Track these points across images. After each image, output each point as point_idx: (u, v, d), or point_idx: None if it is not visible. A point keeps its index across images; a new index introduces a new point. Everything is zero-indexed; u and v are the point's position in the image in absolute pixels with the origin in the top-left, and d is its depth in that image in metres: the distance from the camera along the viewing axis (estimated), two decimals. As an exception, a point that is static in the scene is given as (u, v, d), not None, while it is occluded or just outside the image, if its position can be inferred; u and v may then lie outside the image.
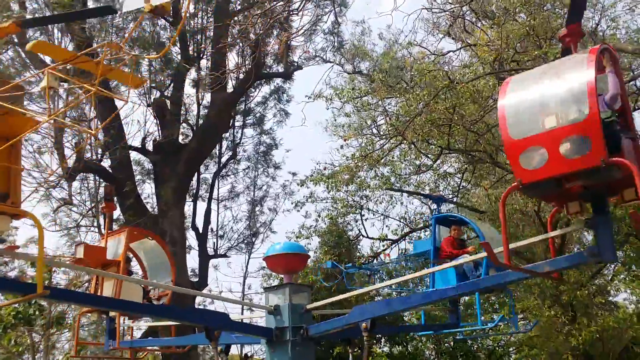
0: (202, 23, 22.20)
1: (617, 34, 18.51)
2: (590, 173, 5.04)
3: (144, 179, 23.78)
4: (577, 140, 5.07)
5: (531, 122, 5.35)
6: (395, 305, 8.03)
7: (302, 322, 8.28)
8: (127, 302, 9.06)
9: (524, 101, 5.50)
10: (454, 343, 20.24)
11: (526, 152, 5.34)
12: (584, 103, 5.06)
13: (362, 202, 20.66)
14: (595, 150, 4.98)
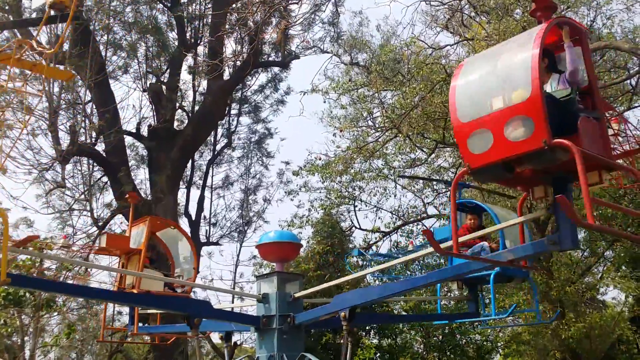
0: (201, 9, 22.09)
1: (613, 32, 18.52)
2: (533, 156, 4.82)
3: (138, 164, 23.71)
4: (520, 122, 4.85)
5: (480, 104, 5.13)
6: (374, 293, 7.94)
7: (289, 310, 8.33)
8: (100, 290, 9.08)
9: (473, 82, 5.28)
10: (442, 337, 20.35)
11: (473, 136, 5.12)
12: (527, 83, 4.84)
13: (355, 194, 20.69)
14: (537, 132, 4.75)
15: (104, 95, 20.75)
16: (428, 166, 21.05)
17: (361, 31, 22.53)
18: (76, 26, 19.07)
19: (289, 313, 8.28)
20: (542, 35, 4.98)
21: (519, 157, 4.86)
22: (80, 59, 19.14)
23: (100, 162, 21.03)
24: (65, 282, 10.05)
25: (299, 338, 8.57)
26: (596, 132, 5.17)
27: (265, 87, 25.51)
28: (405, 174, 20.25)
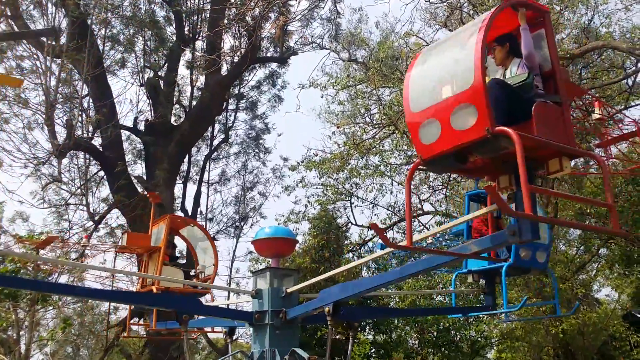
0: (199, 4, 22.06)
1: (611, 32, 18.57)
2: (479, 145, 4.62)
3: (135, 159, 23.71)
4: (465, 110, 4.66)
5: (431, 93, 4.95)
6: (359, 286, 7.57)
7: (282, 305, 8.31)
8: (76, 287, 9.20)
9: (426, 72, 5.12)
10: (437, 333, 20.45)
11: (423, 126, 4.96)
12: (470, 69, 4.65)
13: (352, 190, 20.73)
14: (480, 120, 4.56)
15: (101, 90, 20.75)
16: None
17: (360, 28, 22.56)
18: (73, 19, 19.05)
19: (281, 308, 8.26)
20: (488, 20, 4.80)
21: (465, 146, 4.67)
22: (77, 52, 19.13)
23: (96, 156, 21.03)
24: (42, 281, 10.15)
25: (293, 333, 8.54)
26: (555, 118, 4.96)
27: (263, 83, 25.54)
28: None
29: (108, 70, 21.62)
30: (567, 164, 4.91)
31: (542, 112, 4.82)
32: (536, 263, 9.01)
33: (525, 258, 8.78)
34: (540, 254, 9.01)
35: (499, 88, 4.90)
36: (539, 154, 4.96)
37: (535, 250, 8.91)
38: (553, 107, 5.01)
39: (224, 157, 26.33)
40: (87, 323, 27.23)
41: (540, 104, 4.87)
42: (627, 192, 18.23)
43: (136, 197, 20.44)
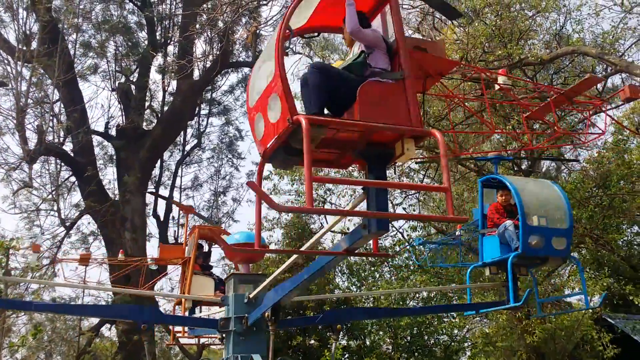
0: (171, 9, 21.96)
1: (582, 37, 18.77)
2: (290, 135, 4.32)
3: (106, 164, 23.51)
4: (274, 101, 4.44)
5: (259, 86, 4.75)
6: (287, 288, 7.20)
7: (247, 311, 8.23)
8: (33, 303, 9.17)
9: (258, 64, 4.98)
10: (410, 337, 20.42)
11: (256, 121, 4.77)
12: (272, 56, 4.41)
13: (325, 196, 20.67)
14: (284, 110, 4.31)
15: (72, 95, 20.59)
16: (399, 168, 21.10)
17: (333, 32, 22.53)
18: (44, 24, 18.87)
19: (243, 314, 8.17)
20: (291, 7, 4.63)
21: (283, 138, 4.38)
22: (48, 57, 18.95)
23: (68, 161, 20.84)
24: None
25: (258, 339, 8.44)
26: (390, 97, 4.60)
27: (236, 88, 25.48)
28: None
29: (79, 75, 21.44)
30: (409, 145, 4.55)
31: (367, 92, 4.50)
32: (554, 251, 8.33)
33: (537, 246, 8.19)
34: (558, 241, 8.36)
35: (316, 73, 4.64)
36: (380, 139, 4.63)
37: (551, 236, 8.30)
38: (387, 86, 4.67)
39: (197, 162, 26.22)
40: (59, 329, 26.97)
41: (367, 84, 4.56)
42: (597, 196, 18.39)
43: (107, 203, 20.27)
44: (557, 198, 8.63)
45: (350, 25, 4.81)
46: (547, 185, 9.21)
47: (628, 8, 17.89)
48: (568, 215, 8.51)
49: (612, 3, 18.03)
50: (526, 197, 8.48)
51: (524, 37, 17.72)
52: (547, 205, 8.50)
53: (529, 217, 8.30)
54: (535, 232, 8.17)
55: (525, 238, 8.17)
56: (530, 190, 8.64)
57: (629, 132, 18.33)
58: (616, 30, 17.66)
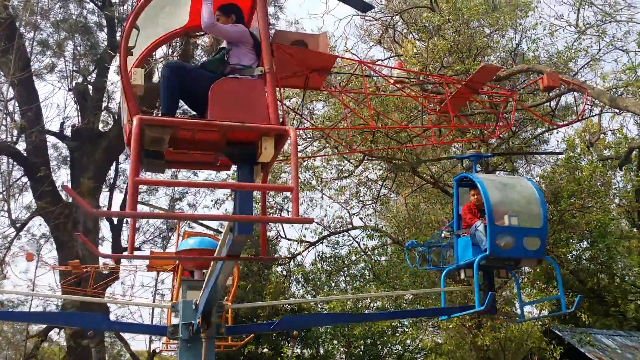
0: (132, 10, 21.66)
1: (537, 56, 19.29)
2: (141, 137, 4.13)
3: (60, 165, 22.99)
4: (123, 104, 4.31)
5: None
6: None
7: (193, 318, 8.15)
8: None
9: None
10: (364, 347, 20.53)
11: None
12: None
13: (282, 204, 20.65)
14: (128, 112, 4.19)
15: (28, 93, 20.13)
16: (357, 178, 21.26)
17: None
18: (1, 21, 18.44)
19: (190, 321, 8.09)
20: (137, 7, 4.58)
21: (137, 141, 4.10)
22: (4, 54, 18.52)
23: (20, 161, 20.35)
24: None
25: (208, 346, 8.40)
26: (247, 94, 4.51)
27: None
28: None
29: (35, 74, 20.96)
30: (267, 144, 4.41)
31: (220, 90, 4.42)
32: (526, 252, 7.88)
33: (507, 247, 7.76)
34: (530, 241, 7.87)
35: (167, 72, 4.64)
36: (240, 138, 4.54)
37: (522, 236, 7.83)
38: (245, 83, 4.61)
39: (154, 166, 25.79)
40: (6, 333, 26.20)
41: (220, 81, 4.51)
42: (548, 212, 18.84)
43: (60, 204, 19.83)
44: (531, 196, 8.16)
45: (204, 21, 4.74)
46: (521, 182, 8.71)
47: (582, 29, 18.49)
48: (542, 214, 8.05)
49: (567, 24, 18.61)
50: (495, 196, 8.10)
51: (482, 53, 18.15)
52: (519, 203, 8.06)
53: (498, 216, 7.92)
54: (504, 232, 7.78)
55: (492, 239, 7.78)
56: (501, 189, 8.22)
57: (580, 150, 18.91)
58: (570, 50, 18.20)
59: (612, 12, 18.32)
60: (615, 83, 19.02)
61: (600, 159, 20.25)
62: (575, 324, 21.49)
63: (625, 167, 20.06)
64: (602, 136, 22.32)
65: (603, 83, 19.44)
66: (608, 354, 21.08)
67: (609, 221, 20.18)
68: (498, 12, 18.15)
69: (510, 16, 18.08)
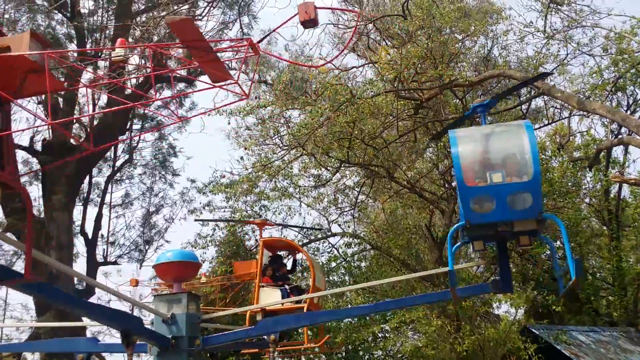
0: (102, 21, 21.34)
1: (508, 61, 19.68)
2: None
3: (31, 180, 22.43)
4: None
5: None
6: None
7: (195, 332, 8.14)
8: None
9: None
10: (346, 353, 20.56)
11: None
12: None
13: (260, 213, 20.56)
14: None
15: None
16: (334, 185, 21.35)
17: (270, 49, 22.57)
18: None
19: (196, 335, 8.08)
20: None
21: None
22: (-32, 67, 18.00)
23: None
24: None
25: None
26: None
27: (170, 103, 24.93)
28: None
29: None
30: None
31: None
32: (513, 212, 6.39)
33: (486, 211, 6.44)
34: (517, 198, 6.39)
35: None
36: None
37: (506, 194, 6.37)
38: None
39: (128, 178, 25.47)
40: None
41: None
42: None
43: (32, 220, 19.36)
44: (520, 143, 6.65)
45: None
46: (511, 128, 7.27)
47: (550, 35, 18.94)
48: (532, 163, 6.43)
49: (535, 30, 19.03)
50: (472, 150, 6.78)
51: (454, 59, 18.42)
52: (506, 155, 6.68)
53: (475, 175, 6.63)
54: (480, 193, 6.48)
55: (466, 204, 6.49)
56: (482, 139, 6.83)
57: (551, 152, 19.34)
58: (539, 55, 18.62)
59: (577, 18, 18.80)
60: (583, 86, 19.53)
61: (571, 160, 20.73)
62: (550, 322, 21.93)
63: (595, 168, 20.58)
64: (571, 138, 22.89)
65: (571, 86, 19.96)
66: (583, 350, 21.54)
67: (580, 220, 20.69)
68: (469, 19, 18.46)
69: (482, 23, 18.41)
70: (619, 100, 21.74)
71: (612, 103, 21.05)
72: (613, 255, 23.28)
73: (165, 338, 8.17)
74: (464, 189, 6.51)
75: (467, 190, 6.50)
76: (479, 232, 6.69)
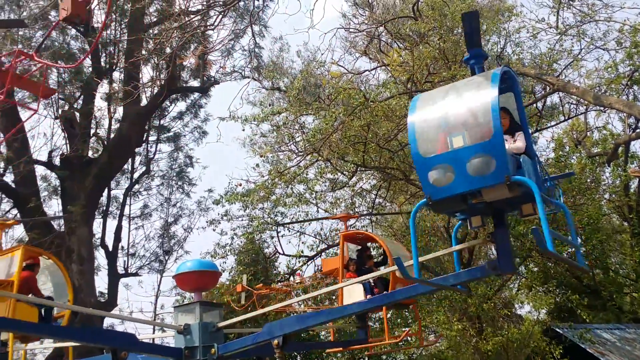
0: (115, 35, 21.59)
1: (522, 59, 19.53)
2: None
3: (50, 195, 22.69)
4: None
5: None
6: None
7: (212, 341, 8.06)
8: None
9: None
10: (368, 358, 20.43)
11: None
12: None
13: (277, 219, 20.58)
14: None
15: (13, 124, 19.87)
16: (350, 188, 21.31)
17: (282, 56, 22.73)
18: (-19, 51, 18.25)
19: (212, 344, 7.99)
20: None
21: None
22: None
23: (9, 193, 20.07)
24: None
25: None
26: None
27: (185, 114, 25.15)
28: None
29: (19, 103, 20.73)
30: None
31: None
32: (474, 180, 5.39)
33: (445, 183, 5.50)
34: (478, 163, 5.37)
35: None
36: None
37: (465, 160, 5.43)
38: None
39: (146, 189, 25.66)
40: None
41: None
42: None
43: (51, 235, 19.56)
44: (481, 99, 5.56)
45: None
46: (475, 81, 5.88)
47: (562, 31, 18.78)
48: (492, 119, 5.37)
49: (548, 26, 18.88)
50: (428, 114, 5.85)
51: (468, 58, 18.30)
52: (465, 114, 5.59)
53: (432, 143, 5.69)
54: (436, 163, 5.57)
55: (424, 177, 5.64)
56: (440, 99, 5.86)
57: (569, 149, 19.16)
58: (553, 52, 18.46)
59: (590, 12, 18.62)
60: (598, 81, 19.32)
61: (589, 156, 20.52)
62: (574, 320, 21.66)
63: (614, 163, 20.33)
64: (589, 134, 22.67)
65: (586, 81, 19.76)
66: (608, 348, 21.23)
67: (601, 217, 20.44)
68: (481, 17, 18.38)
69: (494, 21, 18.32)
70: (635, 93, 21.46)
71: (629, 97, 20.79)
72: (635, 252, 22.94)
73: (177, 350, 8.16)
74: (420, 161, 5.65)
75: (423, 161, 5.63)
76: (447, 208, 5.84)
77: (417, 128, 5.77)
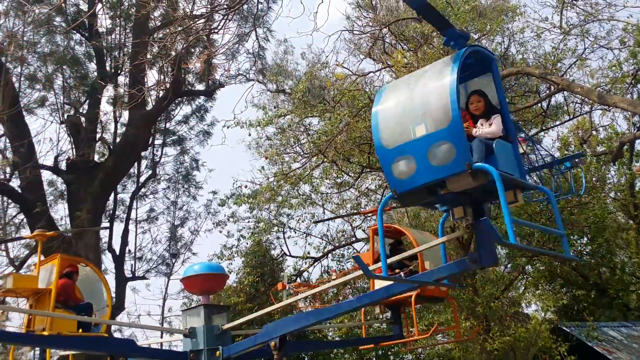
0: (120, 39, 21.67)
1: (526, 58, 19.56)
2: None
3: (56, 199, 22.76)
4: None
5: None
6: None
7: (218, 343, 8.08)
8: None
9: None
10: (376, 359, 20.49)
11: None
12: None
13: (284, 221, 20.65)
14: None
15: (19, 129, 19.95)
16: (356, 189, 21.35)
17: (286, 59, 22.78)
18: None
19: (217, 346, 8.01)
20: None
21: None
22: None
23: (15, 198, 20.12)
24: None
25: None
26: None
27: (191, 117, 25.24)
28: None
29: (25, 109, 20.82)
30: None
31: None
32: (436, 171, 5.14)
33: (408, 175, 5.24)
34: (438, 151, 5.12)
35: None
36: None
37: (425, 150, 5.18)
38: None
39: (152, 193, 25.73)
40: None
41: None
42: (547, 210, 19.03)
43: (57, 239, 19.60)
44: (442, 83, 5.23)
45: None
46: (439, 65, 5.53)
47: (566, 30, 18.81)
48: (450, 104, 5.09)
49: (552, 26, 18.92)
50: (392, 103, 5.56)
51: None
52: (427, 100, 5.27)
53: (395, 133, 5.40)
54: (399, 154, 5.32)
55: (388, 170, 5.42)
56: (407, 88, 5.52)
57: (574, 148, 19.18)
58: (557, 51, 18.49)
59: (593, 12, 18.65)
60: (603, 80, 19.36)
61: (594, 154, 20.55)
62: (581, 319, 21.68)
63: (619, 161, 20.37)
64: (594, 132, 22.69)
65: (591, 80, 19.79)
66: (615, 346, 21.26)
67: (606, 215, 20.47)
68: (485, 18, 18.41)
69: (497, 22, 18.34)
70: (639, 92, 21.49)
71: (633, 96, 20.81)
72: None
73: (181, 353, 8.20)
74: (383, 154, 5.44)
75: (386, 153, 5.41)
76: (415, 201, 5.58)
77: (380, 118, 5.53)
